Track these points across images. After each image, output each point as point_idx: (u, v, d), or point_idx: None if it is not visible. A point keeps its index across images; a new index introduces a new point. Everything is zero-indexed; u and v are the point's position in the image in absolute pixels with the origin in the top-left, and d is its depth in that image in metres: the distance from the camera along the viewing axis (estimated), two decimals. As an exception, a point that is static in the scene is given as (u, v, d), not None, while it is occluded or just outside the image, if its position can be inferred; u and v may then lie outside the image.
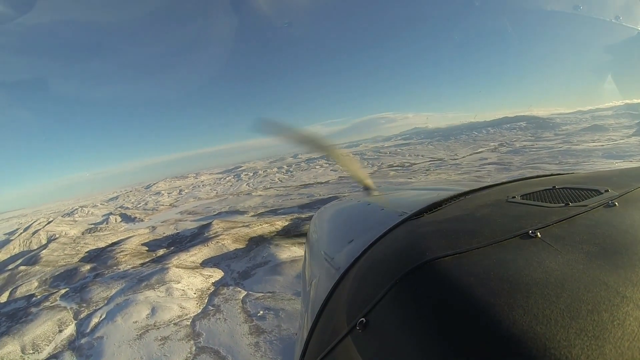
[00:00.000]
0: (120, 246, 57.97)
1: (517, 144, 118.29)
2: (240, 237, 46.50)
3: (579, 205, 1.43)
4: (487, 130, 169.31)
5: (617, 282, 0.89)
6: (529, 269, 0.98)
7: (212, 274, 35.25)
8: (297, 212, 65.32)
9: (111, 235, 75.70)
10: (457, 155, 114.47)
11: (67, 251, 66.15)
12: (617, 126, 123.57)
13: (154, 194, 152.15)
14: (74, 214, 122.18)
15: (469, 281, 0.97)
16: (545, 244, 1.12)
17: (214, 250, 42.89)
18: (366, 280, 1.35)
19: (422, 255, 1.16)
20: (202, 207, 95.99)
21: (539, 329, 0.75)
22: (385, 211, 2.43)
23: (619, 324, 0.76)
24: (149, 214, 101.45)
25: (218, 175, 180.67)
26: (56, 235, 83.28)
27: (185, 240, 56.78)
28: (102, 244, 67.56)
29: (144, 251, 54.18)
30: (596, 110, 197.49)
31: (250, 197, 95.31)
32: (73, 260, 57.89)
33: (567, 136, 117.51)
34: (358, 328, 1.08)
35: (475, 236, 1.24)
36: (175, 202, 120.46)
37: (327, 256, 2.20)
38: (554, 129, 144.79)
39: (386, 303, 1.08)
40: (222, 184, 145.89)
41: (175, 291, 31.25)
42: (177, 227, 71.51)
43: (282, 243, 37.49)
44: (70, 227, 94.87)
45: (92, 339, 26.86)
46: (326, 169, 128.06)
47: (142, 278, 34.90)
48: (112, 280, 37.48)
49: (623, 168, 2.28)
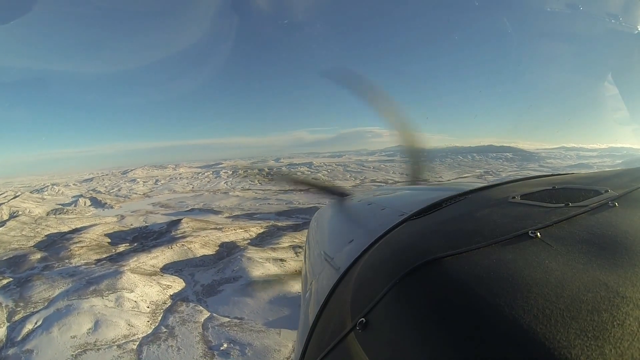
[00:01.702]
0: (80, 235, 54.37)
1: (503, 173, 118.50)
2: (210, 242, 43.16)
3: (579, 205, 1.44)
4: (472, 156, 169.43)
5: (617, 282, 0.90)
6: (529, 269, 0.99)
7: (171, 284, 31.39)
8: (274, 218, 63.56)
9: (76, 220, 72.34)
10: (442, 177, 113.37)
11: (25, 232, 62.48)
12: (601, 164, 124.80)
13: (130, 180, 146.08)
14: (43, 191, 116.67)
15: (469, 281, 0.98)
16: (545, 244, 1.14)
17: (179, 254, 38.69)
18: (366, 280, 1.37)
19: (422, 255, 1.17)
20: (176, 200, 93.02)
21: (539, 329, 0.76)
22: (385, 211, 2.46)
23: (619, 324, 0.77)
24: (120, 202, 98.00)
25: (197, 169, 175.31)
26: (19, 212, 79.40)
27: (151, 236, 53.69)
28: (64, 228, 64.41)
29: (105, 244, 50.50)
30: (580, 149, 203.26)
31: (227, 197, 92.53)
32: (28, 244, 54.39)
33: (553, 170, 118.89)
34: (358, 328, 1.08)
35: (475, 236, 1.25)
36: (150, 192, 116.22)
37: (327, 256, 2.22)
38: (539, 162, 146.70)
39: (386, 303, 1.09)
40: (200, 179, 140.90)
41: (126, 302, 27.55)
42: (147, 220, 68.55)
43: (255, 257, 34.02)
44: (37, 205, 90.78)
45: (20, 350, 23.27)
46: (307, 176, 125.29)
47: (91, 280, 31.05)
48: (59, 276, 33.68)
49: (623, 168, 2.34)
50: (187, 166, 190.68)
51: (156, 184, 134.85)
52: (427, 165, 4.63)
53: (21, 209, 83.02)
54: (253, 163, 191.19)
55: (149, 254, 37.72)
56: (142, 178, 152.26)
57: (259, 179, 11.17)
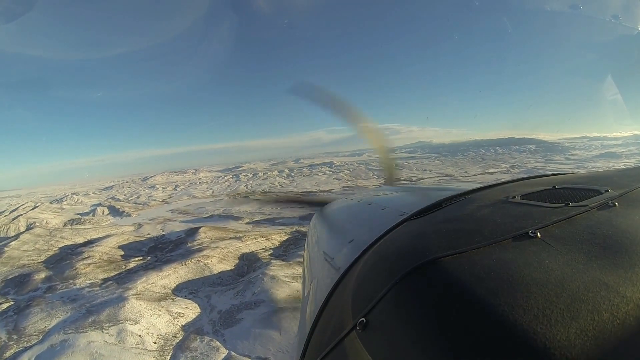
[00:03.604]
0: (92, 248, 50.61)
1: (529, 165, 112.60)
2: (229, 254, 38.67)
3: (579, 205, 1.44)
4: (494, 149, 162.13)
5: (617, 282, 0.90)
6: (529, 269, 0.99)
7: (183, 311, 26.66)
8: (298, 223, 57.72)
9: (92, 230, 68.98)
10: (467, 172, 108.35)
11: (39, 245, 59.37)
12: (629, 154, 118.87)
13: (149, 187, 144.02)
14: (63, 200, 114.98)
15: (469, 281, 0.98)
16: (545, 244, 1.13)
17: (194, 272, 34.06)
18: (366, 280, 1.37)
19: (422, 255, 1.17)
20: (195, 206, 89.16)
21: (539, 329, 0.76)
22: (386, 211, 2.44)
23: (619, 324, 0.77)
24: (139, 209, 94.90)
25: (217, 173, 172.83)
26: (36, 223, 77.18)
27: (167, 247, 49.63)
28: (80, 239, 61.06)
29: (117, 257, 46.70)
30: (604, 139, 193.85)
31: (247, 200, 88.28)
32: (38, 259, 51.01)
33: (580, 161, 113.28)
34: (358, 328, 1.08)
35: (475, 236, 1.25)
36: (169, 198, 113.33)
37: (327, 256, 2.21)
38: (564, 153, 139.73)
39: (386, 303, 1.09)
40: (220, 183, 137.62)
41: (129, 336, 23.01)
42: (164, 228, 64.56)
43: (280, 274, 29.22)
44: (55, 215, 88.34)
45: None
46: (329, 176, 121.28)
47: (92, 308, 26.79)
48: (60, 301, 29.65)
49: (623, 168, 2.35)
50: (207, 170, 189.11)
51: (175, 189, 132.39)
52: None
53: (39, 220, 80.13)
54: (272, 165, 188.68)
55: (159, 273, 33.09)
56: (161, 184, 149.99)
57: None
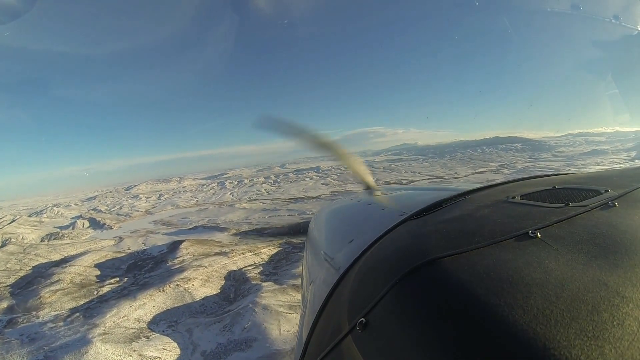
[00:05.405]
0: (64, 268, 46.13)
1: (518, 165, 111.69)
2: (214, 274, 34.76)
3: (579, 205, 1.44)
4: (481, 149, 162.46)
5: (617, 282, 0.90)
6: (529, 269, 0.99)
7: (160, 355, 22.18)
8: (287, 233, 54.87)
9: (69, 246, 64.01)
10: (458, 173, 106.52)
11: (11, 264, 54.20)
12: (615, 149, 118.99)
13: (132, 197, 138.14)
14: (43, 213, 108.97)
15: (469, 281, 0.98)
16: (545, 244, 1.13)
17: (173, 299, 29.79)
18: (366, 280, 1.37)
19: (422, 255, 1.17)
20: (179, 217, 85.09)
21: (539, 329, 0.76)
22: (385, 211, 2.46)
23: (619, 324, 0.76)
24: (121, 220, 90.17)
25: (202, 181, 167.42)
26: (11, 239, 72.12)
27: (147, 265, 45.56)
28: (56, 256, 56.18)
29: (91, 279, 42.37)
30: (586, 135, 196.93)
31: (233, 210, 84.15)
32: (8, 281, 46.34)
33: (568, 159, 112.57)
34: (358, 328, 1.08)
35: (475, 236, 1.25)
36: (152, 209, 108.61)
37: (327, 256, 2.21)
38: (550, 151, 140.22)
39: (386, 303, 1.09)
40: (205, 191, 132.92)
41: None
42: (146, 242, 60.41)
43: (273, 303, 25.58)
44: (33, 229, 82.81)
45: None
46: (317, 181, 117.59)
47: (50, 353, 22.58)
48: (18, 340, 25.46)
49: (623, 168, 2.37)
50: (192, 178, 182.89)
51: (159, 199, 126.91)
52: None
53: (15, 235, 74.81)
54: (258, 171, 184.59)
55: (133, 302, 28.64)
56: (145, 193, 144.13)
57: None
